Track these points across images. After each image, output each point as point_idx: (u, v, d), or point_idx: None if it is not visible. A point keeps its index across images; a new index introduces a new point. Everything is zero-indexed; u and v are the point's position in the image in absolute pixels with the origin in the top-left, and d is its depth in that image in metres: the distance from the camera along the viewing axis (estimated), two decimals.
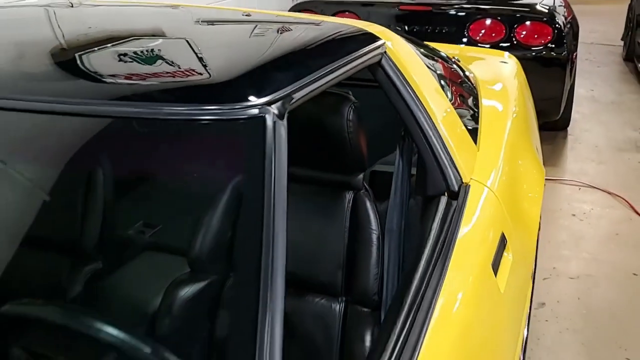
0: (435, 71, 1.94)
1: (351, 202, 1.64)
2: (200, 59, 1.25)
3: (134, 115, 1.03)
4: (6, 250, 1.45)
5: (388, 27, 1.89)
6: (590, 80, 6.42)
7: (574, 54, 4.53)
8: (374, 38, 1.56)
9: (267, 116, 1.02)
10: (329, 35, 1.54)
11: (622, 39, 7.67)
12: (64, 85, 1.17)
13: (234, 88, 1.08)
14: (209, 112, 1.01)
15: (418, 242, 1.43)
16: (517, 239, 1.68)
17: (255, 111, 1.02)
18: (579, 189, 4.07)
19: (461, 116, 1.84)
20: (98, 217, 1.45)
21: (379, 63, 1.53)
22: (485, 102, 2.19)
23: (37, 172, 1.43)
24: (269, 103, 1.04)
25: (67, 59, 1.27)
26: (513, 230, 1.67)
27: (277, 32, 1.60)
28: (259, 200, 0.95)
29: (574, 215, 3.73)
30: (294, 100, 1.10)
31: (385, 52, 1.55)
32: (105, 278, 1.42)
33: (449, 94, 1.88)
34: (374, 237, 1.61)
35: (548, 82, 4.22)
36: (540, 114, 3.73)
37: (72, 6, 1.98)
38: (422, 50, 2.03)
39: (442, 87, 1.85)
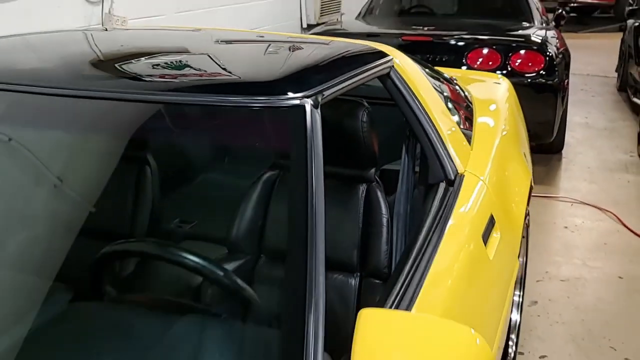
0: (440, 90, 2.27)
1: (364, 192, 1.95)
2: (248, 66, 1.59)
3: (208, 103, 1.37)
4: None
5: None
6: (585, 109, 6.77)
7: (566, 82, 4.88)
8: (383, 54, 1.89)
9: (306, 105, 1.34)
10: (346, 50, 1.87)
11: (616, 71, 8.05)
12: (147, 83, 1.50)
13: (280, 85, 1.42)
14: (264, 101, 1.34)
15: (420, 219, 1.74)
16: (504, 222, 1.99)
17: (297, 102, 1.34)
18: (572, 204, 4.38)
19: (458, 124, 2.17)
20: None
21: (388, 75, 1.87)
22: (479, 118, 2.52)
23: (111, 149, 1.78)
24: (306, 97, 1.37)
25: (153, 65, 1.62)
26: (501, 214, 1.98)
27: (300, 48, 1.94)
28: (303, 166, 1.27)
29: (566, 227, 4.04)
30: (324, 96, 1.43)
31: (393, 66, 1.88)
32: None
33: (450, 105, 2.21)
34: (384, 220, 1.92)
35: (541, 107, 4.56)
36: (535, 136, 4.09)
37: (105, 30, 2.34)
38: (427, 70, 2.36)
39: (443, 99, 2.18)
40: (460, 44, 4.60)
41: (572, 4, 13.07)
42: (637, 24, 6.94)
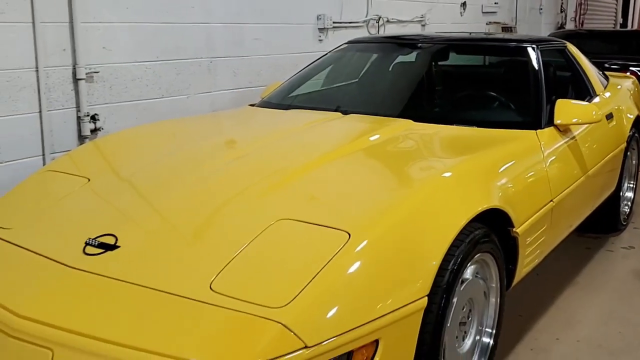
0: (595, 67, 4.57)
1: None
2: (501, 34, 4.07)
3: (503, 44, 3.87)
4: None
5: None
6: None
7: None
8: (561, 40, 4.25)
9: (535, 46, 3.76)
10: (539, 35, 4.26)
11: None
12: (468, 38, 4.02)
13: (522, 41, 3.87)
14: (519, 45, 3.79)
15: None
16: (617, 119, 4.25)
17: (529, 45, 3.77)
18: None
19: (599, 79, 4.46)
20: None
21: (563, 49, 4.22)
22: (611, 85, 4.75)
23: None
24: (533, 44, 3.77)
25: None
26: (615, 115, 4.23)
27: (508, 32, 4.35)
28: (536, 72, 3.63)
29: None
30: (539, 47, 3.80)
31: (566, 45, 4.23)
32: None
33: (596, 71, 4.50)
34: None
35: None
36: None
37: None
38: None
39: (592, 67, 4.47)
40: (615, 67, 6.78)
41: None
42: None
